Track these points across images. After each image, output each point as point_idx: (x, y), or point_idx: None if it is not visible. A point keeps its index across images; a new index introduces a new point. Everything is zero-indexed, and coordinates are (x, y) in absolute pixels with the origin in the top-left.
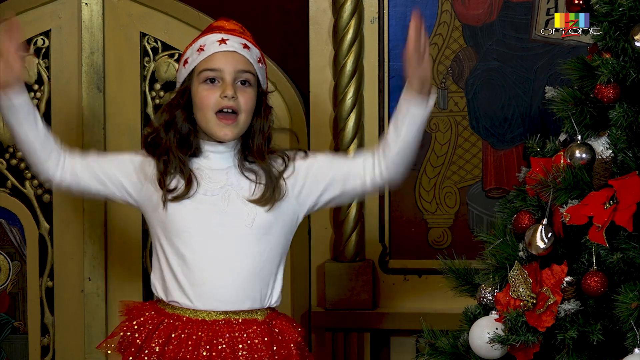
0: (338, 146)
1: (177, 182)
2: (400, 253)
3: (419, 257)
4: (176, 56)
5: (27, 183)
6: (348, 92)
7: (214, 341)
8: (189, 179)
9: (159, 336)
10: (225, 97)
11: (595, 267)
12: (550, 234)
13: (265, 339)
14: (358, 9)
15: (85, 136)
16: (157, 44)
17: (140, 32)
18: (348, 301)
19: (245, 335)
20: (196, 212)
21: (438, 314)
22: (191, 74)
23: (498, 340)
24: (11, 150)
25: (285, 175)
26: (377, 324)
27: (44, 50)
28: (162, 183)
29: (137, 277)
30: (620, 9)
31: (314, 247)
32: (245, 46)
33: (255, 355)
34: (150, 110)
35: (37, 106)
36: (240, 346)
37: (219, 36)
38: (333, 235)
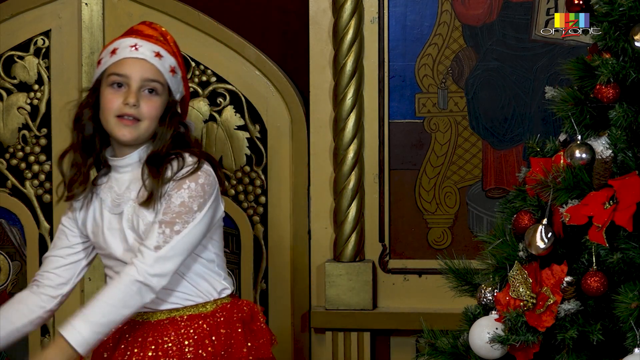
0: (338, 146)
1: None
2: (400, 253)
3: (419, 257)
4: None
5: (27, 183)
6: (348, 92)
7: (159, 340)
8: (84, 179)
9: (106, 341)
10: (127, 104)
11: (595, 267)
12: (550, 234)
13: (215, 331)
14: (358, 9)
15: None
16: None
17: None
18: (348, 301)
19: (191, 331)
20: (108, 229)
21: (438, 314)
22: (102, 75)
23: (498, 340)
24: (11, 150)
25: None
26: (377, 324)
27: (44, 50)
28: (66, 184)
29: None
30: (620, 9)
31: (314, 247)
32: (158, 54)
33: (200, 351)
34: None
35: (37, 106)
36: (187, 342)
37: (133, 41)
38: (333, 235)
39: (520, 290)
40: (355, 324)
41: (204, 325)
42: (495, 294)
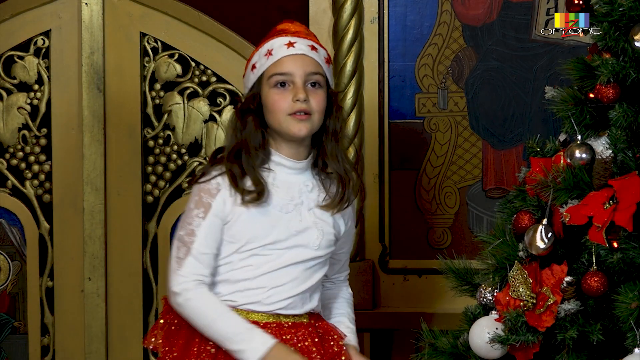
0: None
1: (250, 185)
2: (400, 253)
3: (419, 257)
4: (176, 56)
5: (27, 183)
6: (348, 92)
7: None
8: (258, 181)
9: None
10: (298, 100)
11: (595, 267)
12: (550, 234)
13: (316, 339)
14: (358, 9)
15: (85, 136)
16: (157, 44)
17: (140, 32)
18: None
19: (295, 338)
20: (272, 226)
21: (438, 314)
22: (260, 78)
23: (498, 340)
24: (11, 150)
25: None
26: (377, 324)
27: (44, 50)
28: (236, 184)
29: (137, 277)
30: (620, 9)
31: None
32: (313, 48)
33: (311, 357)
34: (150, 110)
35: (37, 106)
36: (292, 349)
37: (286, 39)
38: None
39: (520, 290)
40: (356, 324)
41: (307, 333)
42: (495, 294)
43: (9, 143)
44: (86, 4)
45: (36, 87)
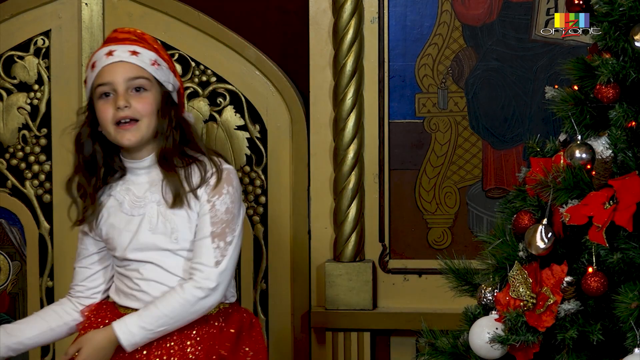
0: (338, 146)
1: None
2: (400, 253)
3: (419, 257)
4: (176, 56)
5: (27, 183)
6: (348, 92)
7: (160, 341)
8: (91, 201)
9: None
10: (119, 108)
11: (595, 267)
12: (550, 234)
13: (218, 333)
14: (358, 9)
15: None
16: None
17: None
18: (348, 301)
19: (194, 332)
20: (125, 231)
21: (438, 314)
22: (91, 91)
23: (498, 340)
24: (11, 150)
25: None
26: (377, 324)
27: (44, 50)
28: (79, 209)
29: None
30: (620, 9)
31: (314, 247)
32: (134, 52)
33: (202, 352)
34: None
35: (37, 106)
36: (189, 342)
37: (106, 49)
38: (333, 235)
39: (520, 290)
40: (355, 324)
41: (206, 327)
42: (495, 294)
43: (9, 143)
44: (86, 4)
45: (36, 87)
